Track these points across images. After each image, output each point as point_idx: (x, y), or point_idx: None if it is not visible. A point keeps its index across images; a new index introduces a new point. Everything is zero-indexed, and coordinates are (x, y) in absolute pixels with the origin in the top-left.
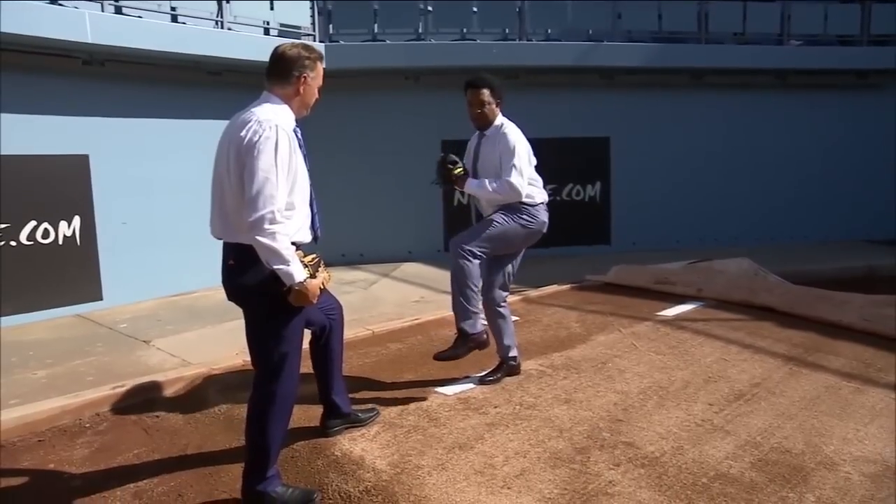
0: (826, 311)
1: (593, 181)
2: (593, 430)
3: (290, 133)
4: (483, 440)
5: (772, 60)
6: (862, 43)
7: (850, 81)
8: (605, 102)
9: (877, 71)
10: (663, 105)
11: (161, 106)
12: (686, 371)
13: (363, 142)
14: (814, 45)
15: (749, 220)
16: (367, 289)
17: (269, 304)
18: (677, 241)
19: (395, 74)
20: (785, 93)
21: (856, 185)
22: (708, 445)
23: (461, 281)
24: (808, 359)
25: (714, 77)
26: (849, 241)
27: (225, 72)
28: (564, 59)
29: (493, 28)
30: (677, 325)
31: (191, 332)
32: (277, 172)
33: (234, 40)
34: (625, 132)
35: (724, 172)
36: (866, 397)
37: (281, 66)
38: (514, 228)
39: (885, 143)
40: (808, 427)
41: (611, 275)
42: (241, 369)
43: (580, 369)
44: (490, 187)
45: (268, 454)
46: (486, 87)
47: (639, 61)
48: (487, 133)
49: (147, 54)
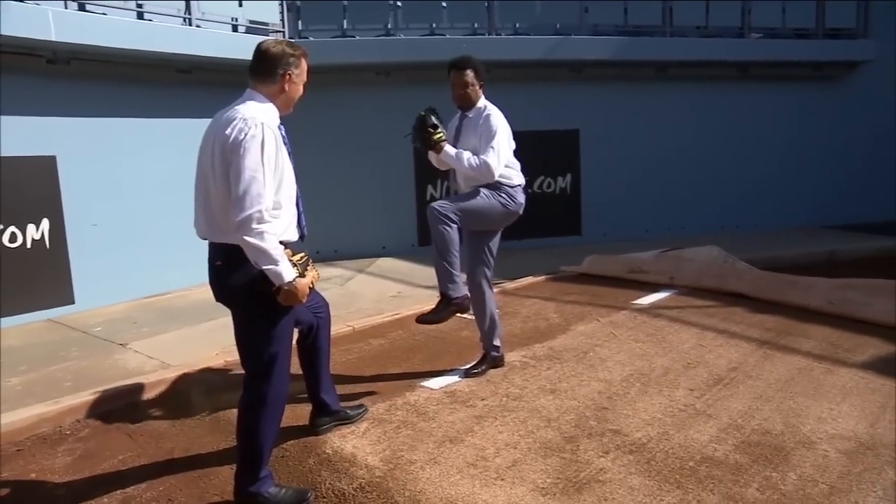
0: (793, 296)
1: (564, 173)
2: (580, 419)
3: (276, 131)
4: (473, 433)
5: (734, 53)
6: (817, 36)
7: (807, 73)
8: (574, 95)
9: (831, 63)
10: (630, 97)
11: (130, 105)
12: (665, 358)
13: (335, 138)
14: (773, 38)
15: (714, 209)
16: (343, 285)
17: (257, 305)
18: (646, 231)
19: (365, 70)
20: (747, 85)
21: (814, 173)
22: (692, 430)
23: (443, 246)
24: (780, 342)
25: (679, 70)
26: (808, 227)
27: (195, 70)
28: (534, 52)
29: (462, 23)
30: (653, 313)
31: (168, 334)
32: (264, 171)
33: (203, 38)
34: (594, 124)
35: (690, 162)
36: (837, 377)
37: (265, 64)
38: (493, 205)
39: (840, 133)
40: (786, 408)
41: (585, 265)
42: (224, 370)
43: (563, 359)
44: (466, 161)
45: (260, 455)
46: (470, 68)
47: (606, 54)
48: (470, 114)
49: (113, 52)
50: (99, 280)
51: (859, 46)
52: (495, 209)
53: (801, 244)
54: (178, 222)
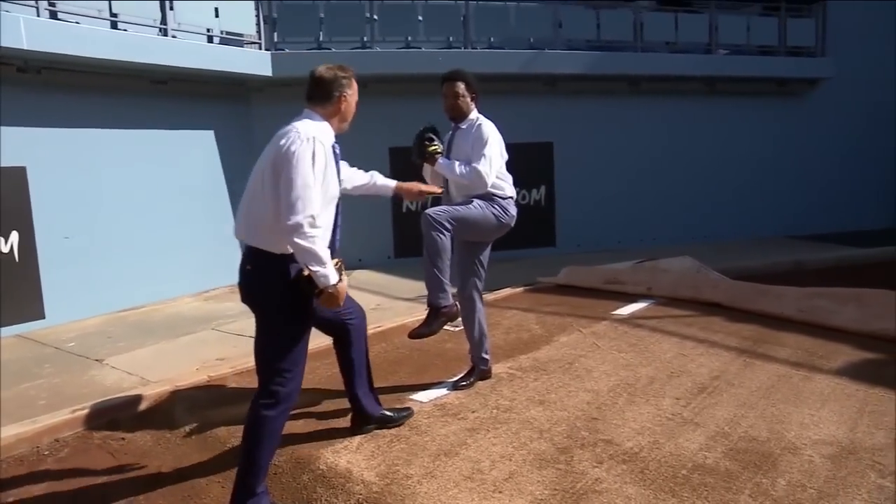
0: (766, 305)
1: (538, 185)
2: (572, 430)
3: (328, 147)
4: (467, 446)
5: (702, 68)
6: (780, 54)
7: (772, 89)
8: (549, 109)
9: (794, 80)
10: (603, 111)
11: (103, 115)
12: (649, 367)
13: None
14: (738, 55)
15: (685, 220)
16: None
17: (282, 310)
18: (619, 242)
19: None
20: (714, 99)
21: (779, 185)
22: (682, 438)
23: (435, 253)
24: (758, 350)
25: (650, 84)
26: (775, 237)
27: (170, 80)
28: (509, 66)
29: (438, 36)
30: (633, 323)
31: (145, 349)
32: (313, 181)
33: (178, 48)
34: (567, 137)
35: (660, 175)
36: (815, 384)
37: (322, 89)
38: (486, 216)
39: (803, 147)
40: (769, 415)
41: (562, 276)
42: (207, 385)
43: (548, 370)
44: (458, 170)
45: (261, 466)
46: (461, 80)
47: (580, 69)
48: (462, 126)
49: (86, 62)
50: (71, 294)
51: (819, 64)
52: (489, 220)
53: (768, 254)
54: (152, 234)
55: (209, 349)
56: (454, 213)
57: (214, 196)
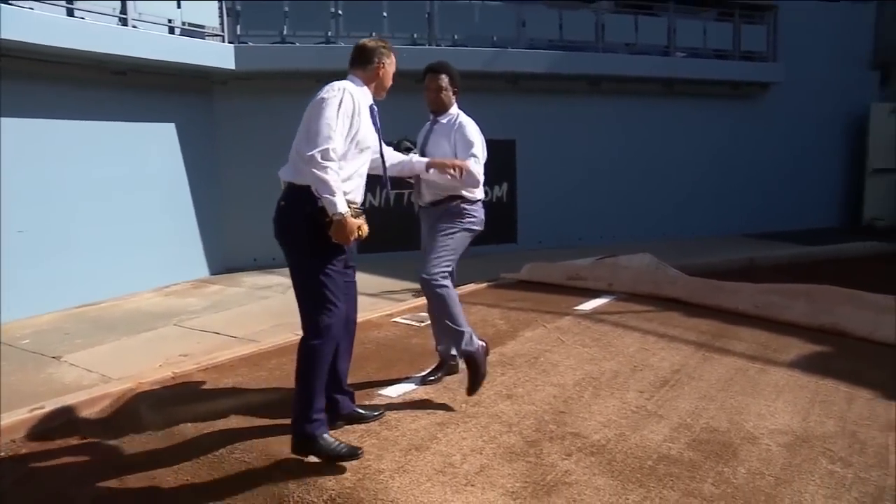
0: (723, 300)
1: (500, 182)
2: (540, 423)
3: (358, 98)
4: (437, 440)
5: (660, 70)
6: (734, 57)
7: (726, 91)
8: (511, 107)
9: (747, 83)
10: (564, 110)
11: (60, 106)
12: (613, 362)
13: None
14: (695, 58)
15: (643, 218)
16: (284, 293)
17: (311, 242)
18: (579, 239)
19: (305, 77)
20: (672, 100)
21: (733, 185)
22: (646, 430)
23: (446, 309)
24: (716, 344)
25: (610, 84)
26: (728, 235)
27: (130, 72)
28: (473, 64)
29: (402, 33)
30: (596, 318)
31: (105, 345)
32: (338, 122)
33: (139, 38)
34: (529, 135)
35: (620, 173)
36: (770, 376)
37: (364, 56)
38: (464, 236)
39: (755, 148)
40: (728, 406)
41: (524, 272)
42: (172, 382)
43: (515, 365)
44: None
45: (315, 394)
46: (445, 73)
47: (542, 67)
48: (441, 119)
49: (41, 50)
50: (25, 289)
51: (771, 69)
52: (466, 239)
53: (723, 251)
54: (111, 228)
55: (172, 345)
56: (444, 257)
57: (176, 190)
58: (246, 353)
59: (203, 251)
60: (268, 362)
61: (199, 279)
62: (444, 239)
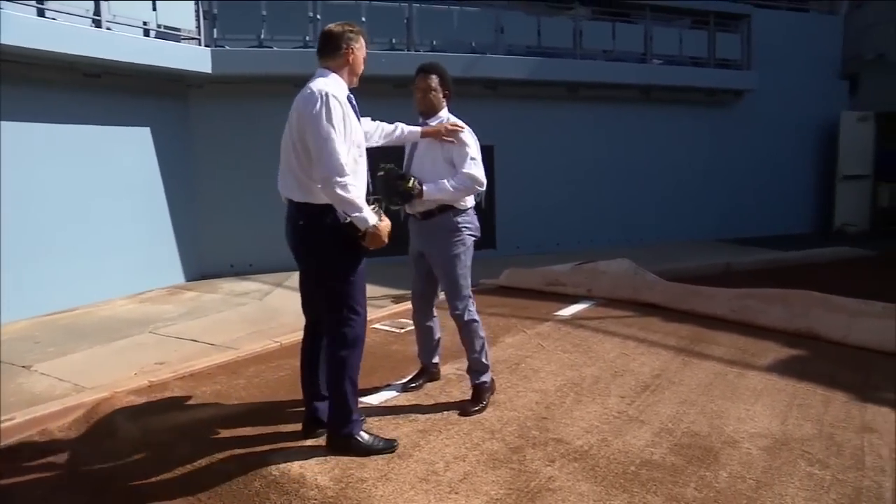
0: (700, 305)
1: None
2: (522, 429)
3: (343, 99)
4: (420, 447)
5: (637, 77)
6: (709, 65)
7: (701, 98)
8: (489, 112)
9: (722, 90)
10: (543, 116)
11: (32, 109)
12: (594, 367)
13: (250, 149)
14: (671, 65)
15: (621, 223)
16: (262, 299)
17: (338, 255)
18: (557, 244)
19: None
20: (649, 106)
21: (709, 190)
22: (629, 435)
23: (475, 342)
24: (695, 349)
25: (587, 90)
26: (706, 240)
27: (104, 74)
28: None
29: (381, 38)
30: (576, 324)
31: (78, 354)
32: (337, 134)
33: (113, 40)
34: (507, 141)
35: (598, 179)
36: (748, 380)
37: (331, 43)
38: (466, 251)
39: (730, 154)
40: (709, 411)
41: (503, 278)
42: (148, 391)
43: (496, 371)
44: (451, 186)
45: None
46: (435, 73)
47: (521, 74)
48: (431, 122)
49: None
50: None
51: (744, 77)
52: (470, 251)
53: (700, 256)
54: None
55: (148, 353)
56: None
57: (151, 195)
58: (224, 361)
59: (179, 257)
60: (246, 370)
61: (175, 285)
62: (452, 266)
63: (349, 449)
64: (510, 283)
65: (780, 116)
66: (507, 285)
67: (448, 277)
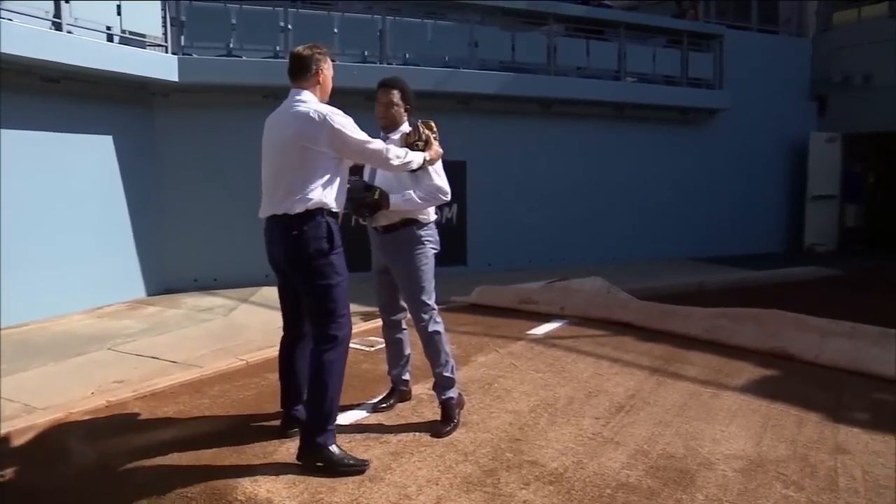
0: (674, 325)
1: (450, 204)
2: (496, 452)
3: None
4: (391, 470)
5: (611, 94)
6: (682, 84)
7: (674, 117)
8: (462, 127)
9: (695, 109)
10: (515, 132)
11: None
12: (567, 387)
13: (215, 161)
14: (645, 83)
15: (593, 241)
16: (227, 315)
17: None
18: (529, 261)
19: (251, 92)
20: (622, 124)
21: (681, 209)
22: (604, 457)
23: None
24: (669, 369)
25: (561, 107)
26: (678, 259)
27: (63, 79)
28: (424, 83)
29: (353, 50)
30: (549, 343)
31: (30, 372)
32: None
33: (73, 44)
34: (480, 156)
35: (571, 195)
36: (723, 401)
37: (301, 65)
38: (429, 263)
39: (703, 173)
40: (684, 432)
41: (475, 295)
42: (105, 412)
43: (468, 391)
44: (417, 197)
45: (332, 405)
46: (397, 88)
47: (494, 89)
48: (392, 136)
49: None
50: None
51: (717, 96)
52: (433, 262)
53: (673, 275)
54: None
55: (105, 371)
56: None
57: (111, 205)
58: (187, 380)
59: (140, 270)
60: (210, 389)
61: (136, 300)
62: (417, 278)
63: (320, 460)
64: (482, 301)
65: (752, 136)
66: (479, 303)
67: (412, 289)
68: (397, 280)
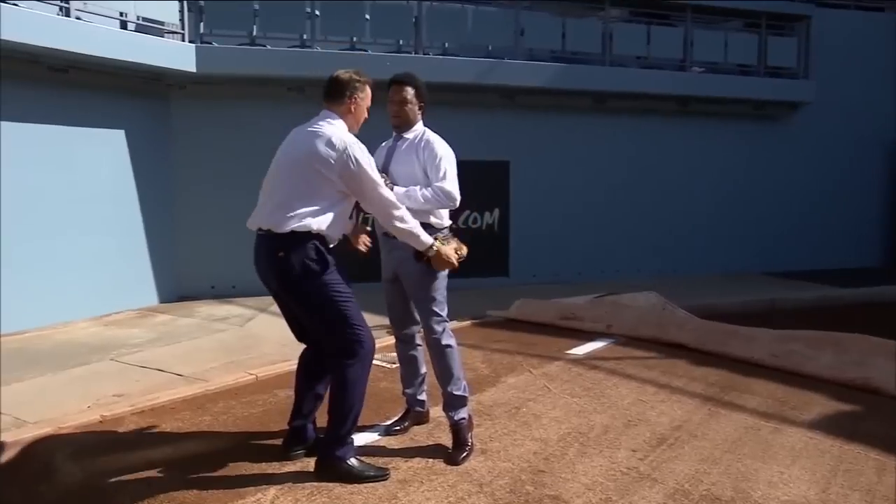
0: (736, 348)
1: (491, 208)
2: (515, 484)
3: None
4: (397, 499)
5: (674, 86)
6: (759, 74)
7: (748, 111)
8: (505, 124)
9: (773, 102)
10: (565, 128)
11: None
12: (604, 415)
13: (236, 159)
14: (714, 73)
15: (651, 251)
16: (242, 325)
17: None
18: (579, 273)
19: (276, 84)
20: (687, 120)
21: (754, 216)
22: (636, 496)
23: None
24: (724, 398)
25: (617, 101)
26: (748, 273)
27: (72, 69)
28: (464, 75)
29: (386, 39)
30: (590, 364)
31: (24, 383)
32: (375, 175)
33: (82, 32)
34: (525, 156)
35: (626, 200)
36: (785, 437)
37: (335, 89)
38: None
39: (781, 176)
40: (734, 471)
41: (513, 310)
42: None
43: (493, 415)
44: (421, 196)
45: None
46: (411, 85)
47: (541, 82)
48: (406, 136)
49: None
50: None
51: (800, 87)
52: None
53: (740, 291)
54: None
55: (105, 383)
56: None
57: (122, 205)
58: (190, 395)
59: (152, 275)
60: (214, 405)
61: (147, 307)
62: (429, 287)
63: (338, 473)
64: (521, 316)
65: (842, 133)
66: (518, 318)
67: (424, 299)
68: (407, 289)
